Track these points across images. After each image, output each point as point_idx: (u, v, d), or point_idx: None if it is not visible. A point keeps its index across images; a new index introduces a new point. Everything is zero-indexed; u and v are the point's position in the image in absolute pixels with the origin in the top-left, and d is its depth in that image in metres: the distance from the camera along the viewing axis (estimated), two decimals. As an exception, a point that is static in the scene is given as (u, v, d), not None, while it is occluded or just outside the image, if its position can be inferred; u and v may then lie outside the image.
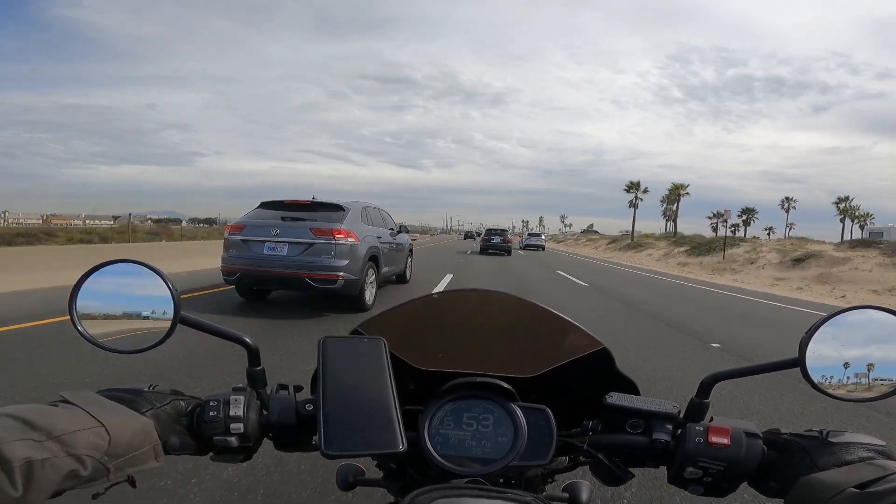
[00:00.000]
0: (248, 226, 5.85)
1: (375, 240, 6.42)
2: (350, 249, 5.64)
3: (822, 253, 18.94)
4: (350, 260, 5.61)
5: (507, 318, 0.68)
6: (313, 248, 5.54)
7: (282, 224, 5.75)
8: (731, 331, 6.24)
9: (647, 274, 18.02)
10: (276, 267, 5.55)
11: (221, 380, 3.11)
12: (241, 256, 5.72)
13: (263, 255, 5.61)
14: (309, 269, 5.47)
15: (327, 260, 5.51)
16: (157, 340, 0.50)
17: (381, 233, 6.91)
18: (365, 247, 5.93)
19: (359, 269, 5.73)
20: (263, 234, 5.67)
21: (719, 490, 0.53)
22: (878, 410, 3.22)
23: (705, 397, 0.57)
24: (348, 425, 0.47)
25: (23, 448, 0.34)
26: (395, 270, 7.86)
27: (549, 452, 0.56)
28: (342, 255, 5.56)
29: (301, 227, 5.68)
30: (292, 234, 5.62)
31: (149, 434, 0.44)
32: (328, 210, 6.04)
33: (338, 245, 5.55)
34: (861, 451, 0.45)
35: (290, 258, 5.54)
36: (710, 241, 31.22)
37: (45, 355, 3.51)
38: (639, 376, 0.67)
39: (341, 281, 5.48)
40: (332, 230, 5.57)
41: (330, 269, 5.47)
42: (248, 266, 5.63)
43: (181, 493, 1.82)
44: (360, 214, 6.31)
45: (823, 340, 0.52)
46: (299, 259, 5.53)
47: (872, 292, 13.81)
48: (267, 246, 5.63)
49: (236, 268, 5.68)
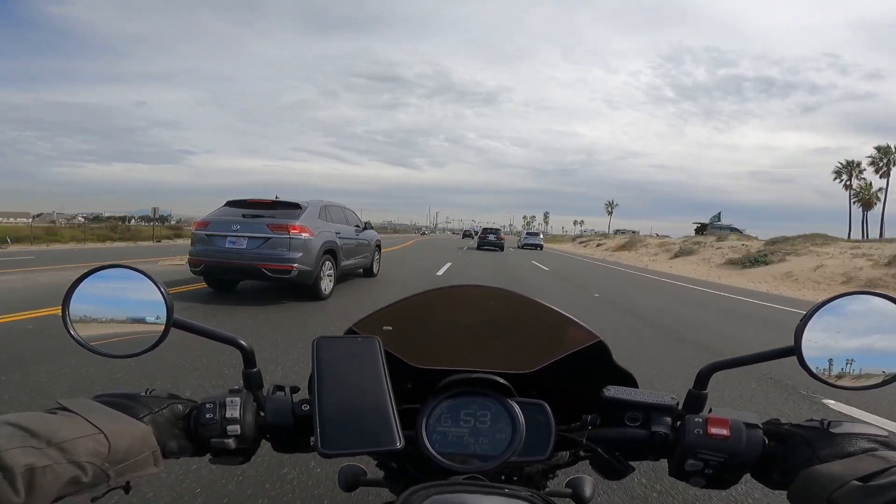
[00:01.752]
0: (211, 222, 6.41)
1: (333, 235, 6.98)
2: (304, 243, 6.19)
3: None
4: (304, 253, 6.15)
5: (503, 313, 0.68)
6: (270, 242, 6.09)
7: (242, 220, 6.29)
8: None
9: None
10: (236, 259, 6.11)
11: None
12: (206, 250, 6.26)
13: (225, 249, 6.17)
14: (265, 260, 6.02)
15: (282, 253, 6.06)
16: (150, 344, 0.50)
17: (342, 229, 7.47)
18: (320, 241, 6.48)
19: (313, 261, 6.27)
20: (225, 230, 6.23)
21: (721, 482, 0.53)
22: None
23: (703, 388, 0.57)
24: (345, 424, 0.47)
25: (24, 455, 0.34)
26: (360, 264, 8.49)
27: (547, 448, 0.56)
28: (296, 248, 6.12)
29: (259, 223, 6.22)
30: (251, 230, 6.17)
31: (147, 440, 0.44)
32: (286, 208, 6.58)
33: (292, 239, 6.12)
34: (863, 442, 0.45)
35: (249, 251, 6.09)
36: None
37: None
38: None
39: (295, 272, 6.05)
40: (287, 226, 6.14)
41: (284, 260, 6.01)
42: (211, 258, 6.18)
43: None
44: (317, 212, 6.85)
45: (819, 328, 0.51)
46: (257, 252, 6.07)
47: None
48: (228, 240, 6.19)
49: (201, 259, 6.23)
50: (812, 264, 16.40)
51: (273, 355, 3.73)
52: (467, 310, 0.70)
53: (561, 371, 0.63)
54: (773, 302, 10.05)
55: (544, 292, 9.06)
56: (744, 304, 9.42)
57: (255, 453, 0.56)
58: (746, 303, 9.73)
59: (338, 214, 7.70)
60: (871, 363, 0.51)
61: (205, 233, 6.36)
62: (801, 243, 20.27)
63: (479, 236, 30.69)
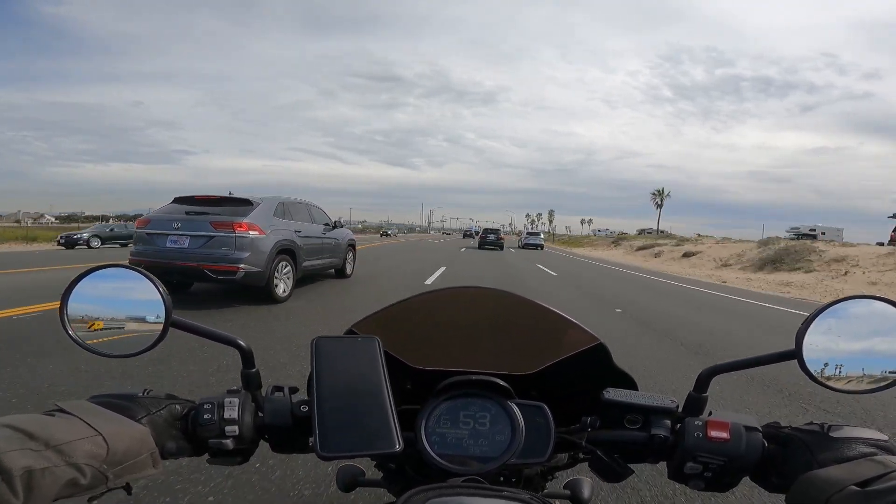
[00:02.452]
0: (152, 220, 5.97)
1: (291, 234, 6.54)
2: (251, 242, 5.74)
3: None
4: (251, 253, 5.70)
5: (503, 315, 0.68)
6: (213, 241, 5.65)
7: (184, 218, 5.85)
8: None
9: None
10: (178, 259, 5.65)
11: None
12: (147, 249, 5.84)
13: (166, 248, 5.73)
14: (209, 261, 5.56)
15: (227, 252, 5.61)
16: (149, 344, 0.50)
17: (304, 227, 7.04)
18: (272, 240, 6.02)
19: (263, 261, 5.82)
20: (166, 228, 5.79)
21: (720, 485, 0.53)
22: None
23: (703, 391, 0.57)
24: (344, 426, 0.46)
25: (22, 458, 0.34)
26: (329, 264, 8.09)
27: (547, 450, 0.56)
28: (242, 247, 5.67)
29: (202, 220, 5.78)
30: (193, 228, 5.73)
31: (146, 441, 0.44)
32: (237, 205, 6.14)
33: (238, 238, 5.66)
34: (862, 447, 0.45)
35: (191, 251, 5.64)
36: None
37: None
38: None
39: (241, 273, 5.59)
40: (233, 224, 5.68)
41: (230, 261, 5.58)
42: (152, 259, 5.68)
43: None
44: (272, 209, 6.40)
45: (820, 331, 0.50)
46: (200, 251, 5.62)
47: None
48: (170, 239, 5.74)
49: (141, 260, 5.74)
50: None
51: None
52: (467, 311, 0.69)
53: (561, 373, 0.63)
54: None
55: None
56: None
57: (253, 454, 0.56)
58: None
59: (300, 212, 7.25)
60: (871, 367, 0.51)
61: (145, 231, 5.93)
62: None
63: (480, 236, 33.30)
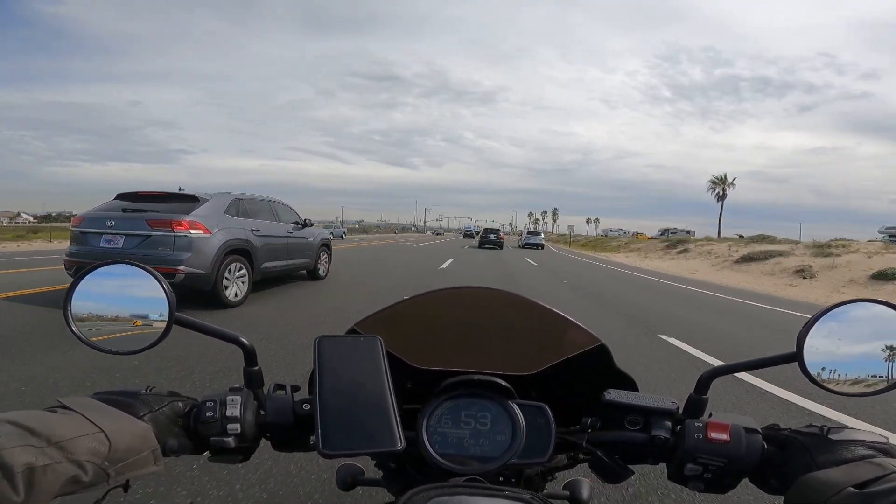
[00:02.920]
0: (86, 218, 5.51)
1: (246, 233, 6.06)
2: (194, 242, 5.25)
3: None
4: (193, 253, 5.22)
5: (505, 315, 0.67)
6: (149, 240, 5.20)
7: (119, 216, 5.38)
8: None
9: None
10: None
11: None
12: (80, 250, 5.42)
13: (100, 248, 5.30)
14: (144, 262, 5.04)
15: (165, 253, 5.13)
16: (152, 341, 0.51)
17: (265, 226, 6.56)
18: (220, 240, 5.54)
19: (208, 263, 5.33)
20: (100, 227, 5.35)
21: (720, 486, 0.54)
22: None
23: (704, 393, 0.57)
24: (345, 425, 0.46)
25: (24, 454, 0.34)
26: (298, 265, 7.65)
27: (547, 450, 0.56)
28: (183, 247, 5.18)
29: (138, 218, 5.31)
30: (129, 226, 5.28)
31: (148, 439, 0.44)
32: (182, 201, 5.65)
33: (177, 237, 5.17)
34: (861, 449, 0.45)
35: (126, 251, 5.19)
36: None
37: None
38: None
39: (181, 275, 5.08)
40: (171, 222, 5.19)
41: (168, 262, 5.07)
42: (84, 260, 5.25)
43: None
44: (224, 206, 5.93)
45: (821, 334, 0.51)
46: (135, 252, 5.14)
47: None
48: (104, 238, 5.31)
49: (74, 261, 5.36)
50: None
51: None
52: (469, 311, 0.69)
53: (562, 373, 0.63)
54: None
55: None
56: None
57: (254, 452, 0.56)
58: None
59: (261, 210, 6.77)
60: (872, 370, 0.51)
61: (79, 230, 5.44)
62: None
63: (480, 236, 34.82)
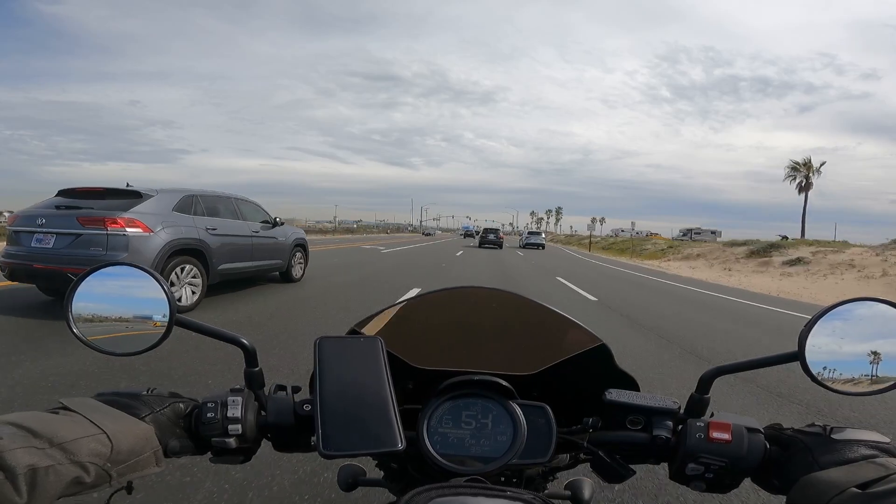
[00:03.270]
0: (20, 216, 5.12)
1: (199, 231, 5.63)
2: (131, 241, 4.81)
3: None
4: (130, 253, 4.78)
5: (506, 315, 0.67)
6: (80, 239, 4.75)
7: (52, 213, 4.96)
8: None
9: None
10: (41, 261, 4.77)
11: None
12: (14, 250, 5.00)
13: (31, 248, 4.88)
14: (74, 263, 4.62)
15: (97, 253, 4.69)
16: (153, 342, 0.51)
17: (223, 224, 6.15)
18: (163, 239, 5.11)
19: (147, 264, 4.90)
20: (31, 225, 4.93)
21: (721, 486, 0.53)
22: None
23: (705, 392, 0.57)
24: (346, 425, 0.46)
25: (26, 456, 0.34)
26: (269, 267, 7.28)
27: (548, 450, 0.56)
28: (118, 247, 4.75)
29: (70, 216, 4.87)
30: (60, 225, 4.85)
31: (149, 440, 0.44)
32: (124, 198, 5.20)
33: (111, 236, 4.74)
34: (864, 449, 0.45)
35: (56, 251, 4.78)
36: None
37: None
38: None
39: None
40: (105, 219, 4.75)
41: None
42: (16, 261, 4.89)
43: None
44: (172, 204, 5.49)
45: (823, 333, 0.51)
46: (65, 252, 4.74)
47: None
48: (35, 238, 4.89)
49: (7, 262, 4.96)
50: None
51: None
52: (470, 311, 0.68)
53: (563, 374, 0.63)
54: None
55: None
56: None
57: (255, 453, 0.56)
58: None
59: (221, 207, 6.34)
60: (873, 369, 0.51)
61: (13, 229, 5.06)
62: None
63: (480, 235, 35.18)
